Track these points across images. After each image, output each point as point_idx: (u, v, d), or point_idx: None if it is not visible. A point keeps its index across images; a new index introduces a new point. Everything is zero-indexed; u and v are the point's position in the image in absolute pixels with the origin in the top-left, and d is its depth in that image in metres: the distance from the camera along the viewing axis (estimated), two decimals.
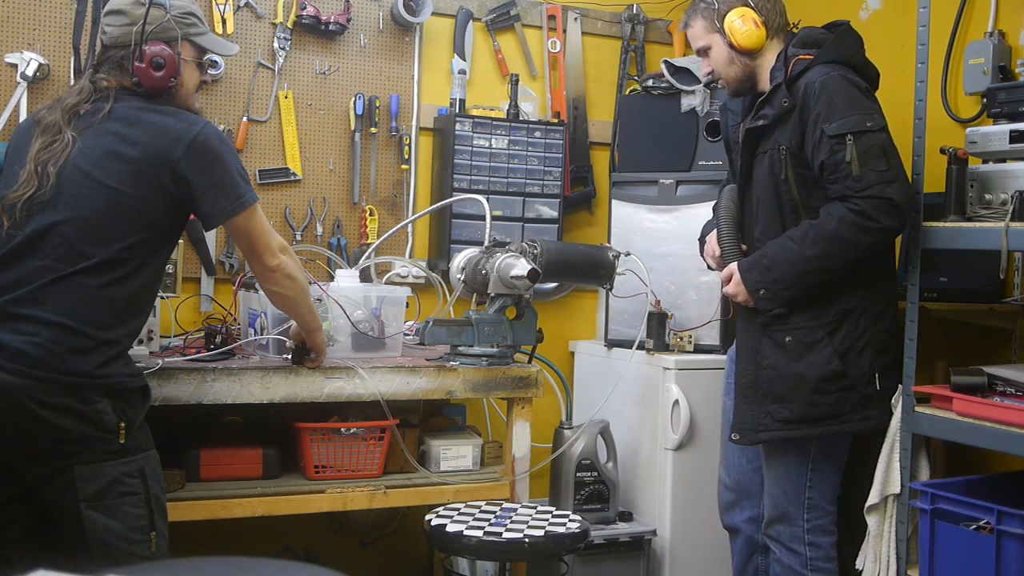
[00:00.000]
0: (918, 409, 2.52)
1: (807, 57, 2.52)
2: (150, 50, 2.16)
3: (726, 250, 2.68)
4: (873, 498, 2.59)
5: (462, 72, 3.48)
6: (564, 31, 3.72)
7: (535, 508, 2.68)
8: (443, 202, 3.30)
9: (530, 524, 2.52)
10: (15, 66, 2.92)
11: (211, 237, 3.15)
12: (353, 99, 3.36)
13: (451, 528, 2.46)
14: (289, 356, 2.62)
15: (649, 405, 3.27)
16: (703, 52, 2.70)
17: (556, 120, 3.64)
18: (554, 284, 3.58)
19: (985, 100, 2.72)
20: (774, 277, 2.51)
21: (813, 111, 2.45)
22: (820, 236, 2.44)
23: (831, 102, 2.43)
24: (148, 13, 2.15)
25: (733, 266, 2.61)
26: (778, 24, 2.64)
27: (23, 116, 2.86)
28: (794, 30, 2.66)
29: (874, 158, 2.40)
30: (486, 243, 2.92)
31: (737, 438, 2.62)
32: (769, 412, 2.54)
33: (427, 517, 2.56)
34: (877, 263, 2.55)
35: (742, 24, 2.59)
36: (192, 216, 2.23)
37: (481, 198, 3.04)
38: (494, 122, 3.45)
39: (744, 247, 2.69)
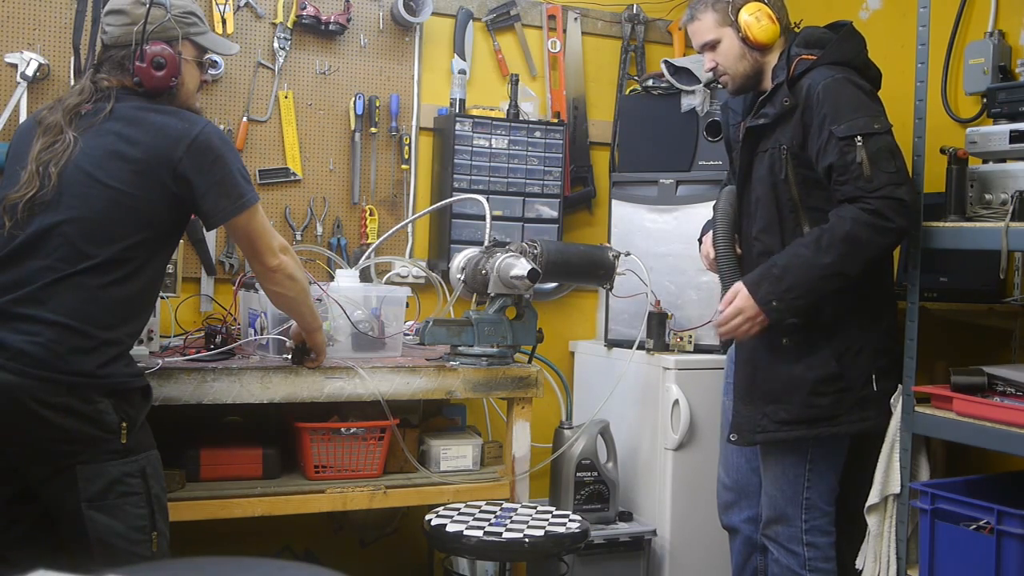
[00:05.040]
0: (918, 409, 2.52)
1: (810, 57, 2.51)
2: (151, 50, 2.15)
3: (720, 251, 2.67)
4: (873, 498, 2.59)
5: (462, 72, 3.48)
6: (564, 31, 3.72)
7: (535, 508, 2.68)
8: (443, 202, 3.30)
9: (530, 524, 2.52)
10: (15, 66, 2.91)
11: (211, 237, 3.15)
12: (353, 99, 3.36)
13: (451, 528, 2.46)
14: (289, 356, 2.62)
15: (649, 405, 3.27)
16: (709, 47, 2.65)
17: (556, 120, 3.64)
18: (554, 284, 3.58)
19: (985, 100, 2.72)
20: (787, 286, 2.42)
21: (818, 113, 2.44)
22: (835, 239, 2.38)
23: (838, 104, 2.42)
24: (149, 13, 2.15)
25: (737, 286, 2.49)
26: (785, 22, 2.63)
27: (23, 116, 2.86)
28: (796, 29, 2.66)
29: (884, 159, 2.38)
30: (486, 243, 2.92)
31: (735, 439, 2.62)
32: (766, 413, 2.54)
33: (427, 517, 2.56)
34: (877, 262, 2.55)
35: (758, 18, 2.57)
36: (193, 216, 2.23)
37: (481, 198, 3.04)
38: (494, 122, 3.45)
39: (739, 251, 2.68)
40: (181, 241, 2.69)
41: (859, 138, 2.38)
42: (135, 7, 2.17)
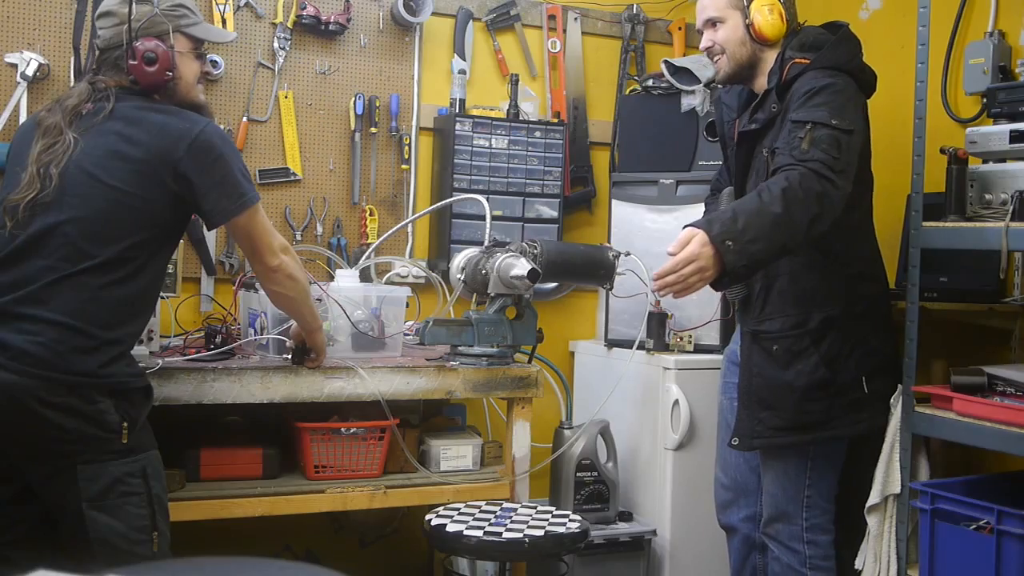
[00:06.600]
0: (918, 409, 2.53)
1: (802, 61, 2.49)
2: (142, 46, 2.16)
3: None
4: (873, 498, 2.59)
5: (462, 72, 3.48)
6: (564, 31, 3.72)
7: (535, 508, 2.68)
8: (443, 202, 3.30)
9: (530, 524, 2.52)
10: (15, 66, 2.91)
11: (211, 237, 3.15)
12: (353, 99, 3.36)
13: (451, 528, 2.46)
14: (289, 356, 2.62)
15: (649, 405, 3.27)
16: (711, 23, 2.61)
17: (556, 120, 3.64)
18: (554, 284, 3.57)
19: (985, 100, 2.72)
20: (742, 226, 2.20)
21: (791, 110, 2.43)
22: (774, 195, 2.24)
23: (807, 99, 2.40)
24: (134, 10, 2.16)
25: (692, 230, 2.23)
26: (792, 24, 2.61)
27: (23, 116, 2.86)
28: (797, 28, 2.64)
29: (827, 143, 2.30)
30: (486, 243, 2.92)
31: (736, 443, 2.62)
32: (761, 420, 2.54)
33: (427, 517, 2.56)
34: (863, 265, 2.55)
35: (769, 12, 2.54)
36: (194, 216, 2.23)
37: (481, 198, 3.04)
38: (494, 122, 3.45)
39: None
40: (181, 241, 2.70)
41: (809, 124, 2.33)
42: (121, 7, 2.18)
